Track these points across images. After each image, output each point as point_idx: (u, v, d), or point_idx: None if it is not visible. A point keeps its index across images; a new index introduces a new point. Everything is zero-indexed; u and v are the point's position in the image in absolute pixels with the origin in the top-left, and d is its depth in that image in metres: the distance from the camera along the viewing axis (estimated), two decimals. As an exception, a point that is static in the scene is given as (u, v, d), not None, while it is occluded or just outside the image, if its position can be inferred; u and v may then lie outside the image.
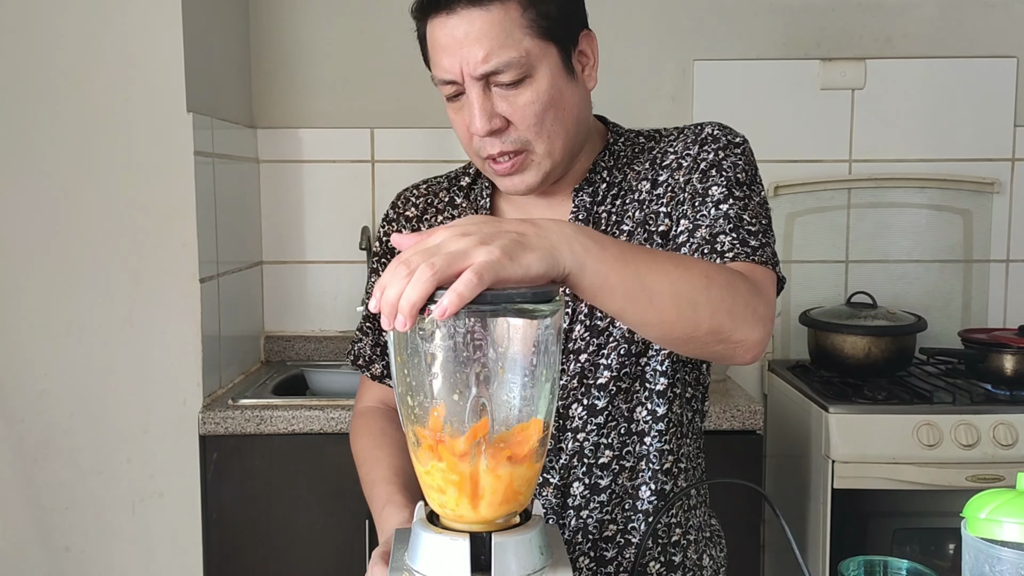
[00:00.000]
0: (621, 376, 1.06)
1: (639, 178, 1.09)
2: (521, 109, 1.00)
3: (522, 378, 0.71)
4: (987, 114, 2.37)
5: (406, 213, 1.18)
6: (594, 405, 1.06)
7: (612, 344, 1.05)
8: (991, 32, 2.36)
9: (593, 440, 1.06)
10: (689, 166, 1.06)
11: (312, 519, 1.90)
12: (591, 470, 1.06)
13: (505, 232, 0.71)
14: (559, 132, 1.03)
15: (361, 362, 1.19)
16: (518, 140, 1.02)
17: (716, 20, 2.38)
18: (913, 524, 1.92)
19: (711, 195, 1.02)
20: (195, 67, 1.90)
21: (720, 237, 0.98)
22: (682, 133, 1.10)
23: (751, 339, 0.87)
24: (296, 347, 2.41)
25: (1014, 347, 2.02)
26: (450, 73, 1.00)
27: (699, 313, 0.83)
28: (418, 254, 0.69)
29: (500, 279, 0.68)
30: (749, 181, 1.04)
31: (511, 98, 1.00)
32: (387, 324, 0.69)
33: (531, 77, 1.00)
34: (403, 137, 2.38)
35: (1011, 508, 0.77)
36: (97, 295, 1.87)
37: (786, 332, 2.42)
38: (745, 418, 1.90)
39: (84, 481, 1.90)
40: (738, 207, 1.00)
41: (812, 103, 2.37)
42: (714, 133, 1.07)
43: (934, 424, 1.89)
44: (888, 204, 2.40)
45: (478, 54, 0.97)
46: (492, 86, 1.00)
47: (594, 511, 1.07)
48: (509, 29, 0.98)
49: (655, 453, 1.07)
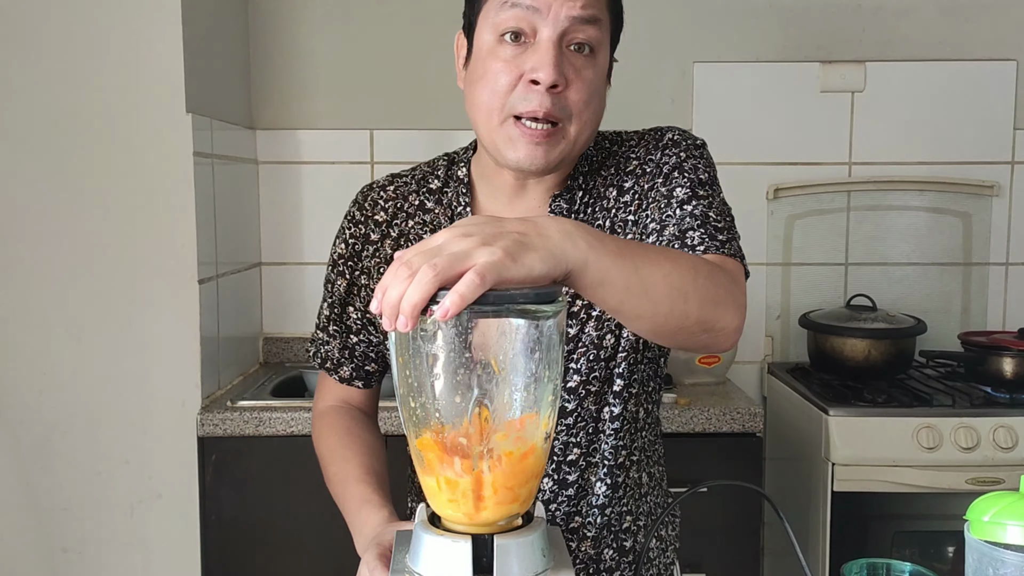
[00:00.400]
0: (590, 380, 1.07)
1: (606, 184, 1.09)
2: (582, 81, 0.99)
3: (524, 379, 0.70)
4: (986, 117, 2.37)
5: (375, 216, 1.14)
6: (564, 407, 1.07)
7: (581, 350, 1.07)
8: (990, 35, 2.36)
9: (563, 440, 1.08)
10: (652, 172, 1.07)
11: (310, 521, 1.89)
12: (560, 467, 1.08)
13: (507, 232, 0.71)
14: (590, 123, 1.02)
15: (329, 365, 1.19)
16: (563, 110, 0.99)
17: (716, 22, 2.37)
18: (913, 527, 1.92)
19: (676, 196, 1.03)
20: (194, 68, 1.90)
21: (689, 233, 1.00)
22: (643, 139, 1.11)
23: (732, 326, 0.89)
24: (294, 348, 2.40)
25: (1014, 350, 2.02)
26: (535, 3, 0.96)
27: (689, 304, 0.84)
28: (420, 255, 0.68)
29: (503, 280, 0.67)
30: (711, 182, 1.05)
31: (577, 66, 0.99)
32: (388, 325, 0.68)
33: (596, 55, 1.01)
34: (402, 138, 2.38)
35: (1015, 511, 0.77)
36: (96, 296, 1.87)
37: (786, 334, 2.42)
38: (745, 420, 1.89)
39: (82, 482, 1.90)
40: (703, 206, 1.02)
41: (812, 105, 2.37)
42: (674, 138, 1.08)
43: (934, 427, 1.89)
44: (888, 207, 2.40)
45: (578, 1, 0.97)
46: (564, 46, 0.98)
47: (562, 504, 1.08)
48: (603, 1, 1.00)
49: (610, 450, 1.08)
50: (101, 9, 1.83)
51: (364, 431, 1.15)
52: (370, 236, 1.14)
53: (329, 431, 1.16)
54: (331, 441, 1.14)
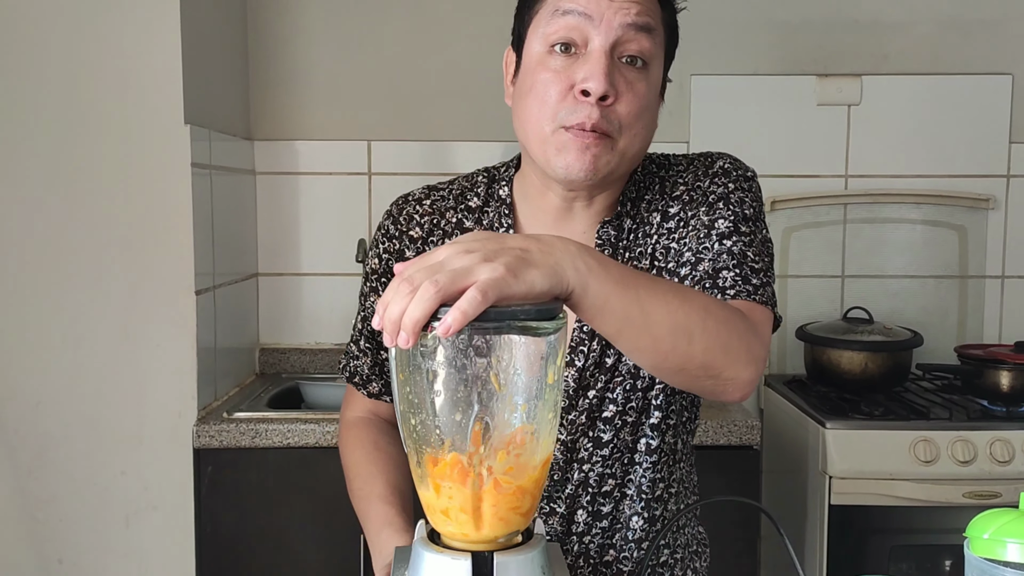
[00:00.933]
0: (627, 410, 1.05)
1: (650, 209, 1.07)
2: (634, 93, 0.97)
3: (525, 396, 0.70)
4: (982, 131, 2.38)
5: (410, 232, 1.10)
6: (600, 438, 1.06)
7: (618, 379, 1.05)
8: (986, 49, 2.38)
9: (598, 471, 1.06)
10: (698, 200, 1.04)
11: (306, 533, 1.88)
12: (595, 498, 1.07)
13: (509, 248, 0.70)
14: (640, 138, 1.00)
15: (358, 380, 1.16)
16: (613, 123, 0.97)
17: (714, 35, 2.38)
18: (910, 541, 1.92)
19: (716, 228, 1.00)
20: (193, 79, 1.90)
21: (723, 272, 0.98)
22: (692, 164, 1.08)
23: (742, 378, 0.86)
24: (291, 359, 2.40)
25: (1010, 363, 2.03)
26: (587, 9, 0.95)
27: (693, 346, 0.82)
28: (421, 271, 0.68)
29: (504, 296, 0.67)
30: (755, 217, 1.03)
31: (630, 78, 0.97)
32: (389, 341, 0.68)
33: (649, 68, 0.99)
34: (400, 149, 2.38)
35: (1014, 528, 0.77)
36: (93, 306, 1.87)
37: (783, 347, 2.42)
38: (742, 433, 1.89)
39: (78, 493, 1.89)
40: (743, 243, 0.99)
41: (809, 118, 2.38)
42: (725, 167, 1.06)
43: (931, 440, 1.89)
44: (884, 219, 2.41)
45: (633, 8, 0.95)
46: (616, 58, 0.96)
47: (595, 536, 1.07)
48: (656, 10, 0.99)
49: (647, 483, 1.07)
50: (100, 20, 1.83)
51: (391, 445, 1.12)
52: (404, 252, 1.10)
53: (356, 443, 1.13)
54: (357, 455, 1.12)
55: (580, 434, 1.06)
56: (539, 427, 0.71)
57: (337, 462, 1.85)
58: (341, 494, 1.84)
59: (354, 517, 1.92)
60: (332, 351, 2.40)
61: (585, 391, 1.05)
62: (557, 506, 1.07)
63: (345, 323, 2.39)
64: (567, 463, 1.06)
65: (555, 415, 0.73)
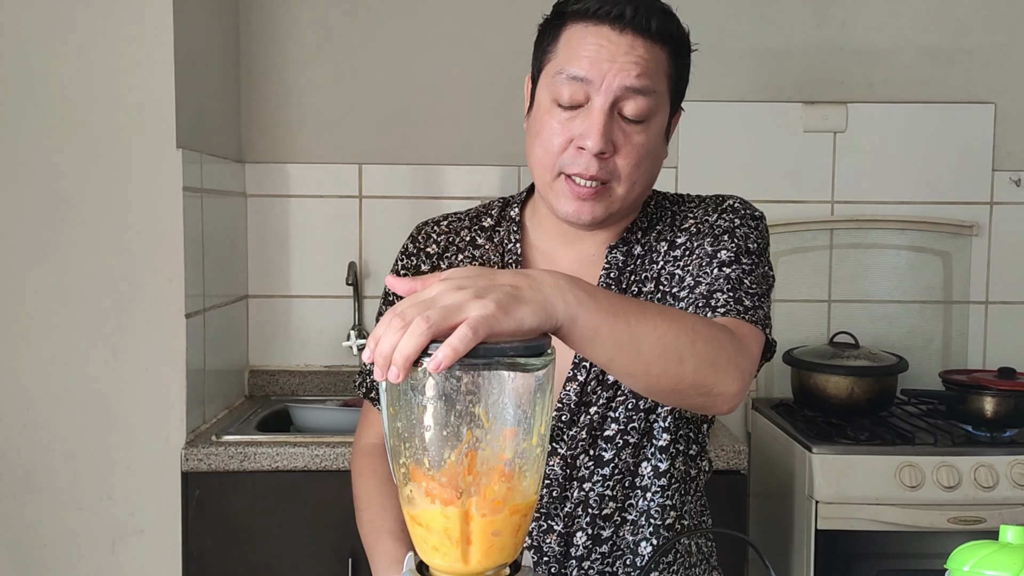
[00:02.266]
0: (628, 430, 1.06)
1: (659, 239, 1.11)
2: (632, 146, 1.02)
3: (514, 431, 0.71)
4: (966, 158, 2.42)
5: (427, 249, 1.16)
6: (601, 456, 1.06)
7: (620, 398, 1.06)
8: (969, 78, 2.41)
9: (598, 491, 1.07)
10: (705, 232, 1.08)
11: (295, 558, 1.88)
12: (595, 521, 1.07)
13: (499, 285, 0.72)
14: (642, 182, 1.05)
15: (375, 395, 1.18)
16: (611, 172, 1.03)
17: (702, 63, 2.39)
18: (896, 566, 1.93)
19: (719, 257, 1.04)
20: (185, 104, 1.91)
21: (717, 294, 1.00)
22: (703, 201, 1.13)
23: (730, 392, 0.88)
24: (280, 381, 2.40)
25: (994, 389, 2.04)
26: (590, 75, 1.00)
27: (684, 367, 0.84)
28: (413, 307, 0.69)
29: (494, 333, 0.68)
30: (758, 252, 1.06)
31: (628, 132, 1.02)
32: (380, 376, 0.69)
33: (649, 121, 1.03)
34: (391, 173, 2.39)
35: (994, 561, 0.78)
36: (82, 329, 1.86)
37: (770, 371, 2.44)
38: (729, 458, 1.90)
39: (63, 518, 1.88)
40: (741, 271, 1.02)
41: (795, 145, 2.41)
42: (734, 205, 1.10)
43: (916, 465, 1.90)
44: (869, 245, 2.44)
45: (633, 71, 1.00)
46: (616, 113, 1.02)
47: (595, 562, 1.07)
48: (659, 68, 1.03)
49: (656, 508, 1.07)
50: (92, 46, 1.84)
51: None
52: (421, 268, 1.15)
53: (370, 473, 1.14)
54: (371, 485, 1.12)
55: (581, 451, 1.07)
56: (527, 461, 0.72)
57: (326, 485, 1.86)
58: (330, 518, 1.85)
59: (343, 541, 1.91)
60: (322, 373, 2.40)
61: (587, 407, 1.07)
62: (555, 523, 1.07)
63: (334, 345, 2.39)
64: (567, 479, 1.07)
65: (543, 450, 0.74)
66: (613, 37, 1.01)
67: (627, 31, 1.01)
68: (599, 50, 1.00)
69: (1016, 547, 0.79)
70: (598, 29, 1.01)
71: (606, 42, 1.00)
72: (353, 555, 1.84)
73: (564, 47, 1.03)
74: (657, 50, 1.03)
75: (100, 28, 1.84)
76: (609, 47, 1.00)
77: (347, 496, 1.84)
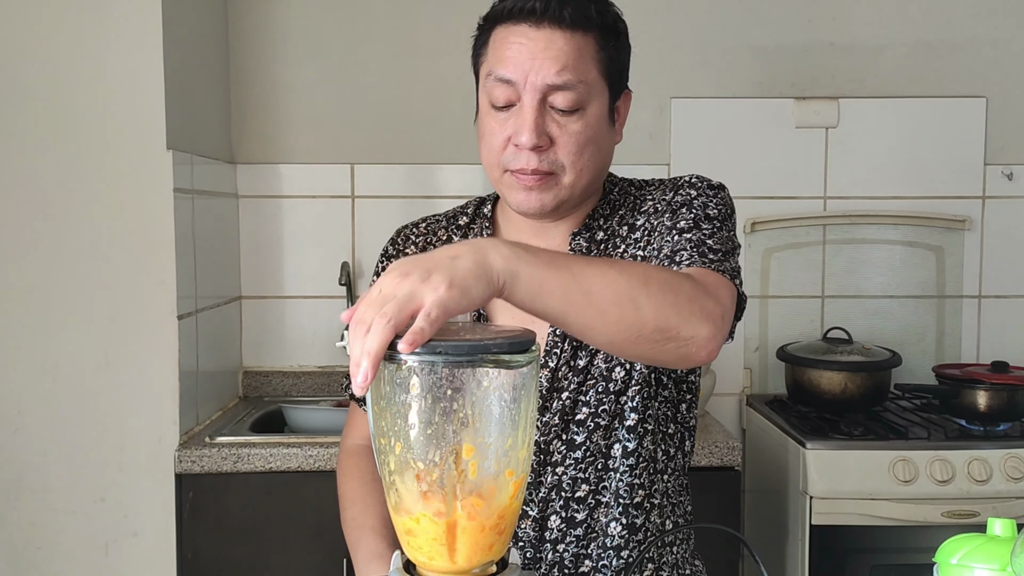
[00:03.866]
0: (599, 413, 1.07)
1: (622, 223, 1.13)
2: (568, 136, 1.04)
3: (498, 426, 0.71)
4: (958, 152, 2.42)
5: (406, 251, 1.19)
6: (573, 440, 1.07)
7: (591, 382, 1.07)
8: (960, 73, 2.41)
9: (571, 474, 1.07)
10: (663, 210, 1.10)
11: (289, 559, 1.88)
12: (568, 504, 1.08)
13: (439, 260, 0.74)
14: (589, 169, 1.07)
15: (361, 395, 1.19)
16: (554, 163, 1.05)
17: (693, 59, 2.41)
18: (890, 560, 1.93)
19: (678, 227, 1.06)
20: (175, 105, 1.90)
21: (680, 252, 1.02)
22: (663, 183, 1.15)
23: (701, 335, 0.88)
24: (274, 382, 2.39)
25: (987, 383, 2.05)
26: (514, 76, 1.03)
27: (642, 312, 0.84)
28: (369, 309, 0.71)
29: (451, 313, 0.71)
30: (720, 217, 1.07)
31: (562, 123, 1.04)
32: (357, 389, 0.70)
33: (584, 109, 1.04)
34: (383, 172, 2.39)
35: (981, 553, 0.78)
36: (74, 332, 1.86)
37: (763, 367, 2.44)
38: (723, 454, 1.90)
39: (57, 521, 1.87)
40: (703, 234, 1.04)
41: (787, 141, 2.41)
42: (691, 180, 1.12)
43: (909, 460, 1.90)
44: (862, 240, 2.44)
45: (552, 67, 1.01)
46: (548, 106, 1.03)
47: (570, 545, 1.08)
48: (584, 56, 1.03)
49: (625, 487, 1.08)
50: (81, 47, 1.83)
51: None
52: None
53: (354, 472, 1.16)
54: (354, 483, 1.14)
55: (553, 436, 1.08)
56: (511, 458, 0.72)
57: (320, 486, 1.86)
58: (324, 519, 1.85)
59: (337, 542, 1.92)
60: (315, 374, 2.40)
61: (559, 393, 1.08)
62: (529, 509, 1.08)
63: (328, 345, 2.39)
64: (540, 465, 1.08)
65: (528, 447, 0.74)
66: (531, 34, 1.02)
67: (543, 25, 1.02)
68: (520, 49, 1.02)
69: (1004, 539, 0.79)
70: (517, 28, 1.03)
71: (525, 40, 1.02)
72: (347, 555, 1.83)
73: (491, 50, 1.06)
74: (579, 38, 1.03)
75: (88, 29, 1.83)
76: (528, 45, 1.02)
77: (341, 496, 1.84)
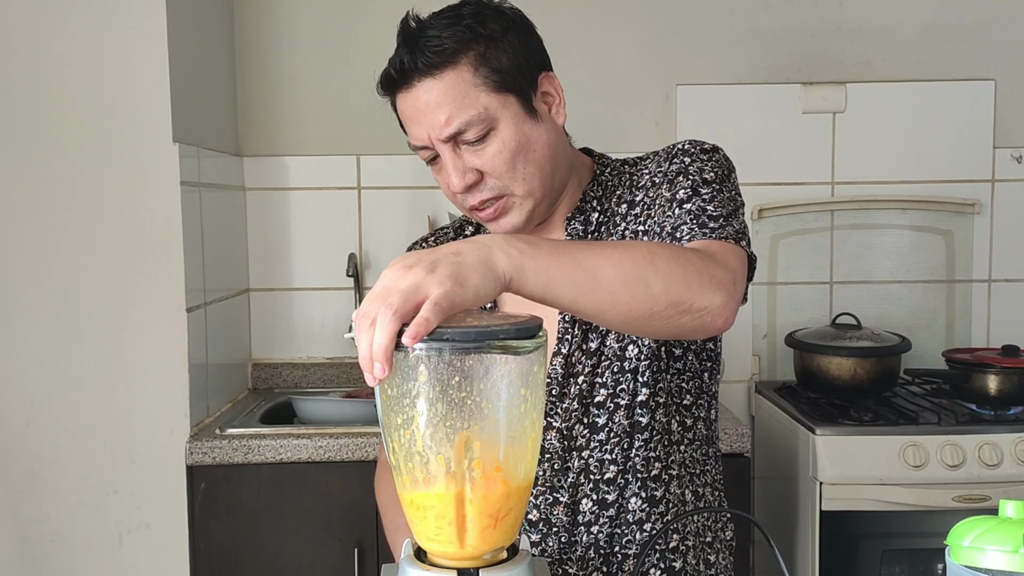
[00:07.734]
0: (617, 392, 1.08)
1: (620, 202, 1.14)
2: (491, 160, 1.05)
3: (507, 413, 0.71)
4: (966, 136, 2.40)
5: None
6: (595, 423, 1.09)
7: (605, 363, 1.08)
8: (968, 55, 2.40)
9: (597, 457, 1.08)
10: (659, 182, 1.10)
11: (300, 549, 1.89)
12: (598, 486, 1.09)
13: (444, 255, 0.74)
14: (533, 173, 1.07)
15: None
16: (495, 187, 1.07)
17: (699, 45, 2.40)
18: (901, 545, 1.93)
19: (677, 198, 1.06)
20: (181, 98, 1.90)
21: (681, 228, 1.02)
22: (657, 155, 1.14)
23: (714, 304, 0.88)
24: (283, 374, 2.40)
25: (997, 367, 2.04)
26: (421, 140, 1.06)
27: (652, 288, 0.84)
28: (373, 302, 0.71)
29: (456, 307, 0.71)
30: (717, 180, 1.06)
31: (480, 152, 1.05)
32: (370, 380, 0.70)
33: (495, 130, 1.05)
34: (389, 164, 2.39)
35: (994, 536, 0.78)
36: (84, 325, 1.87)
37: (772, 353, 2.44)
38: (733, 441, 1.90)
39: (70, 513, 1.89)
40: (702, 201, 1.03)
41: (794, 126, 2.40)
42: (684, 147, 1.11)
43: (920, 445, 1.90)
44: (871, 225, 2.43)
45: (440, 119, 1.03)
46: (461, 144, 1.05)
47: (604, 526, 1.09)
48: (464, 90, 1.03)
49: (642, 461, 1.09)
50: (87, 41, 1.84)
51: None
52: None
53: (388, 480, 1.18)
54: (389, 491, 1.16)
55: (575, 421, 1.09)
56: (521, 444, 0.72)
57: (331, 476, 1.88)
58: (334, 509, 1.86)
59: (348, 531, 1.95)
60: (324, 365, 2.41)
61: (575, 377, 1.09)
62: (560, 495, 1.09)
63: (336, 337, 2.39)
64: (565, 451, 1.09)
65: (537, 433, 0.74)
66: (411, 96, 1.05)
67: (414, 83, 1.04)
68: (412, 115, 1.06)
69: (1016, 521, 0.78)
70: (402, 95, 1.07)
71: (411, 103, 1.05)
72: (359, 545, 1.85)
73: (401, 122, 1.10)
74: (449, 75, 1.03)
75: (94, 23, 1.83)
76: (414, 107, 1.05)
77: (352, 486, 1.87)
